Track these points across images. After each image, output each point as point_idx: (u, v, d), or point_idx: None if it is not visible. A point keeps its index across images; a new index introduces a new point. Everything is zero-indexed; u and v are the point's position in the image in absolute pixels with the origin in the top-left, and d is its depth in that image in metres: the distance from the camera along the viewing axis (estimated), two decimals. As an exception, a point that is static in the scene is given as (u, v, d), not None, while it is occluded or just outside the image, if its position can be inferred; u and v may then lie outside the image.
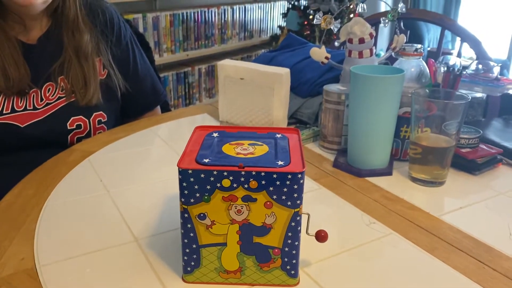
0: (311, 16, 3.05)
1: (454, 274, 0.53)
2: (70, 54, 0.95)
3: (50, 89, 0.95)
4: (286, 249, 0.49)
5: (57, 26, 0.97)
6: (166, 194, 0.71)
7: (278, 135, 0.55)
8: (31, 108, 0.93)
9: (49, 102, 0.94)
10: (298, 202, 0.47)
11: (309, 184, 0.74)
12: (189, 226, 0.48)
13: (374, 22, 1.44)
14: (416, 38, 3.67)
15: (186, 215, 0.48)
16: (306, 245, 0.53)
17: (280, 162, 0.47)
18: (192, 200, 0.47)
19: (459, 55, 1.44)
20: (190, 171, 0.46)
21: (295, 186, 0.46)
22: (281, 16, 3.49)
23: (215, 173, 0.46)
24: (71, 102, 0.96)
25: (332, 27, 0.94)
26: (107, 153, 0.87)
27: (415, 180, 0.75)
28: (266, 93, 0.89)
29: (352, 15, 2.90)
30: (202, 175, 0.46)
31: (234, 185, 0.46)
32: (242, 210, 0.47)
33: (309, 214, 0.51)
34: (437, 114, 0.71)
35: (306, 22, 3.10)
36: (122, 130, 0.99)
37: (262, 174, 0.45)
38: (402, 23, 1.49)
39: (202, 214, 0.47)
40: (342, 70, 0.94)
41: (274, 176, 0.46)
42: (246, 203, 0.47)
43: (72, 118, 0.96)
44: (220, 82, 0.95)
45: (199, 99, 3.16)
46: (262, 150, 0.50)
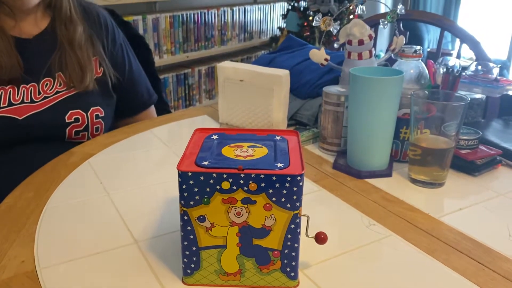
0: (311, 17, 3.06)
1: (453, 276, 0.53)
2: (65, 46, 0.97)
3: (48, 84, 0.96)
4: (286, 251, 0.49)
5: (53, 23, 0.99)
6: (166, 196, 0.71)
7: (278, 137, 0.55)
8: (29, 101, 0.94)
9: (47, 95, 0.95)
10: (298, 204, 0.47)
11: (308, 185, 0.74)
12: (188, 228, 0.48)
13: (374, 24, 1.45)
14: (415, 39, 3.67)
15: (186, 218, 0.48)
16: (306, 247, 0.53)
17: (279, 165, 0.47)
18: (191, 202, 0.47)
19: (459, 56, 1.44)
20: (189, 174, 0.46)
21: (295, 188, 0.46)
22: (280, 17, 3.49)
23: (215, 175, 0.46)
24: (69, 97, 0.97)
25: (331, 29, 0.94)
26: (107, 155, 0.87)
27: (415, 181, 0.75)
28: (265, 94, 0.89)
29: (351, 17, 2.91)
30: (202, 178, 0.46)
31: (234, 187, 0.46)
32: (241, 213, 0.47)
33: (308, 216, 0.51)
34: (436, 116, 0.71)
35: (306, 24, 3.10)
36: (121, 132, 1.00)
37: (262, 176, 0.46)
38: (401, 24, 1.49)
39: (201, 217, 0.47)
40: (342, 72, 0.94)
41: (274, 178, 0.46)
42: (246, 206, 0.47)
43: (70, 111, 0.96)
44: (220, 84, 0.95)
45: (199, 101, 3.17)
46: (261, 152, 0.51)
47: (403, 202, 0.69)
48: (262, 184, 0.46)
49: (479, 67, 0.95)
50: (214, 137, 0.55)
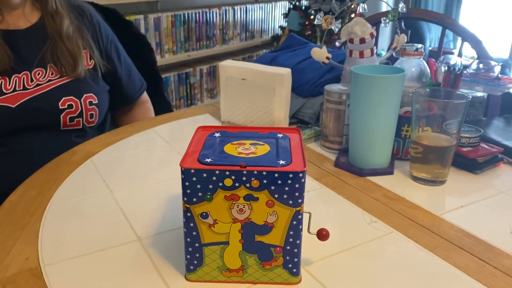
0: (312, 16, 3.06)
1: (455, 272, 0.53)
2: (55, 38, 0.99)
3: (40, 73, 0.97)
4: (288, 247, 0.49)
5: (43, 17, 1.00)
6: (168, 193, 0.71)
7: (280, 135, 0.55)
8: (21, 88, 0.94)
9: (39, 83, 0.96)
10: (300, 200, 0.47)
11: (310, 183, 0.75)
12: (191, 225, 0.48)
13: (375, 22, 1.45)
14: (417, 38, 3.67)
15: (189, 214, 0.48)
16: (308, 243, 0.53)
17: (281, 162, 0.48)
18: (194, 199, 0.47)
19: (460, 55, 1.44)
20: (192, 171, 0.46)
21: (297, 185, 0.46)
22: (282, 16, 3.49)
23: (217, 172, 0.46)
24: (62, 84, 0.98)
25: (333, 27, 0.94)
26: (110, 153, 0.88)
27: (416, 179, 0.75)
28: (267, 93, 0.90)
29: (353, 15, 2.90)
30: (205, 175, 0.46)
31: (236, 184, 0.46)
32: (244, 209, 0.47)
33: (310, 213, 0.51)
34: (438, 114, 0.71)
35: (307, 22, 3.10)
36: (124, 130, 1.00)
37: (264, 173, 0.46)
38: (403, 23, 1.49)
39: (204, 213, 0.48)
40: (343, 70, 0.94)
41: (276, 175, 0.46)
42: (248, 202, 0.47)
43: (63, 98, 0.97)
44: (221, 83, 0.96)
45: (201, 100, 3.17)
46: (263, 149, 0.51)
47: (405, 199, 0.70)
48: (265, 181, 0.46)
49: (481, 65, 0.95)
50: (217, 134, 0.55)
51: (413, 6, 4.16)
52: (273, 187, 0.46)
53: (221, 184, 0.46)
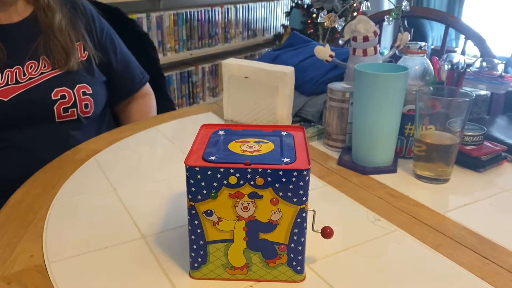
0: (315, 14, 3.05)
1: (459, 270, 0.53)
2: (47, 32, 0.99)
3: (32, 66, 0.97)
4: (292, 245, 0.49)
5: (35, 12, 1.00)
6: (172, 192, 0.71)
7: (284, 133, 0.55)
8: (13, 82, 0.94)
9: (32, 76, 0.96)
10: (304, 198, 0.47)
11: (314, 181, 0.75)
12: (196, 222, 0.48)
13: (378, 20, 1.45)
14: (419, 36, 3.66)
15: (193, 212, 0.48)
16: (312, 241, 0.53)
17: (285, 159, 0.48)
18: (199, 197, 0.47)
19: (463, 53, 1.43)
20: (197, 168, 0.46)
21: (301, 183, 0.46)
22: (284, 14, 3.49)
23: (222, 170, 0.46)
24: (54, 76, 0.98)
25: (336, 25, 0.94)
26: (113, 151, 0.88)
27: (420, 177, 0.75)
28: (270, 91, 0.90)
29: (355, 14, 2.90)
30: (209, 172, 0.46)
31: (241, 182, 0.46)
32: (248, 207, 0.47)
33: (314, 211, 0.51)
34: (441, 112, 0.71)
35: (309, 21, 3.10)
36: (127, 129, 1.00)
37: (268, 171, 0.46)
38: (406, 21, 1.49)
39: (209, 211, 0.48)
40: (346, 68, 0.94)
41: (280, 173, 0.46)
42: (253, 200, 0.47)
43: (56, 89, 0.97)
44: (224, 81, 0.96)
45: (203, 98, 3.17)
46: (267, 147, 0.51)
47: (408, 198, 0.70)
48: (269, 178, 0.46)
49: (484, 64, 0.95)
50: (221, 132, 0.55)
51: (415, 5, 4.15)
52: (277, 185, 0.46)
53: (225, 181, 0.46)
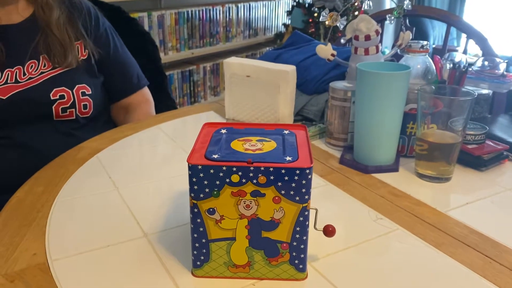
0: (316, 13, 3.05)
1: (460, 269, 0.53)
2: (45, 29, 0.99)
3: (32, 65, 0.97)
4: (295, 243, 0.49)
5: (34, 12, 1.01)
6: (174, 190, 0.72)
7: (286, 131, 0.55)
8: (13, 81, 0.94)
9: (31, 76, 0.96)
10: (306, 197, 0.47)
11: (316, 180, 0.75)
12: (198, 221, 0.49)
13: (380, 19, 1.45)
14: (421, 35, 3.66)
15: (196, 210, 0.48)
16: (314, 240, 0.53)
17: (288, 158, 0.48)
18: (201, 195, 0.47)
19: (465, 52, 1.43)
20: (199, 167, 0.46)
21: (303, 181, 0.46)
22: (285, 13, 3.49)
23: (224, 168, 0.46)
24: (54, 76, 0.98)
25: (338, 24, 0.94)
26: (115, 150, 0.88)
27: (422, 176, 0.75)
28: (272, 90, 0.90)
29: (357, 12, 2.90)
30: (212, 171, 0.46)
31: (243, 180, 0.46)
32: (251, 205, 0.48)
33: (317, 209, 0.51)
34: (443, 111, 0.71)
35: (310, 20, 3.09)
36: (129, 128, 1.00)
37: (271, 169, 0.46)
38: (407, 20, 1.49)
39: (211, 209, 0.48)
40: (348, 67, 0.94)
41: (283, 171, 0.46)
42: (255, 198, 0.47)
43: (54, 89, 0.97)
44: (226, 80, 0.96)
45: (204, 97, 3.17)
46: (270, 146, 0.51)
47: (410, 196, 0.70)
48: (271, 177, 0.46)
49: (486, 63, 0.95)
50: (223, 131, 0.55)
51: (417, 3, 4.15)
52: (280, 183, 0.46)
53: (228, 180, 0.47)
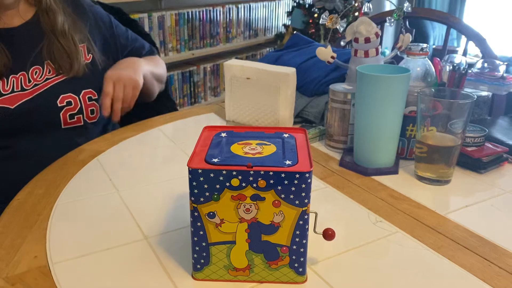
0: (316, 14, 3.05)
1: (460, 272, 0.54)
2: (49, 35, 0.98)
3: (37, 72, 0.97)
4: (294, 247, 0.49)
5: (38, 14, 1.00)
6: (174, 192, 0.72)
7: (286, 135, 0.55)
8: (19, 89, 0.94)
9: (37, 83, 0.96)
10: (306, 201, 0.47)
11: (315, 183, 0.75)
12: (198, 224, 0.49)
13: (380, 21, 1.45)
14: (421, 36, 3.66)
15: (196, 214, 0.48)
16: (314, 243, 0.53)
17: (288, 162, 0.48)
18: (201, 199, 0.48)
19: (465, 53, 1.43)
20: (200, 171, 0.46)
21: (303, 185, 0.47)
22: (286, 14, 3.49)
23: (224, 172, 0.46)
24: (59, 82, 0.98)
25: (338, 27, 0.94)
26: (116, 152, 0.88)
27: (421, 178, 0.75)
28: (272, 92, 0.90)
29: (356, 14, 2.90)
30: (212, 175, 0.47)
31: (243, 184, 0.47)
32: (250, 209, 0.48)
33: (316, 213, 0.51)
34: (443, 113, 0.71)
35: (311, 21, 3.10)
36: (129, 129, 1.00)
37: (271, 173, 0.46)
38: (407, 22, 1.49)
39: (211, 213, 0.48)
40: (348, 70, 0.94)
41: (282, 175, 0.46)
42: (255, 202, 0.47)
43: (61, 95, 0.97)
44: (226, 82, 0.96)
45: (204, 98, 3.17)
46: (270, 149, 0.51)
47: (410, 199, 0.70)
48: (271, 181, 0.46)
49: (485, 65, 0.95)
50: (223, 134, 0.55)
51: (416, 5, 4.15)
52: (279, 187, 0.47)
53: (228, 184, 0.47)
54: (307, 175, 0.46)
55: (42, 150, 0.94)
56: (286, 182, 0.46)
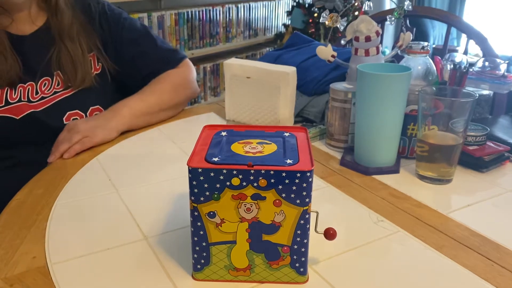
0: (316, 13, 3.05)
1: (462, 272, 0.53)
2: (58, 41, 0.95)
3: (46, 83, 0.95)
4: (295, 246, 0.49)
5: (49, 20, 0.97)
6: (174, 192, 0.71)
7: (286, 134, 0.55)
8: (26, 100, 0.93)
9: (44, 96, 0.94)
10: (307, 200, 0.47)
11: (316, 182, 0.75)
12: (199, 224, 0.48)
13: (380, 20, 1.44)
14: (421, 35, 3.65)
15: (196, 214, 0.48)
16: (315, 243, 0.53)
17: (288, 161, 0.47)
18: (202, 198, 0.47)
19: (466, 52, 1.43)
20: (200, 170, 0.46)
21: (304, 184, 0.46)
22: (285, 14, 3.49)
23: (225, 171, 0.46)
24: (67, 97, 0.96)
25: (338, 25, 0.94)
26: (115, 152, 0.88)
27: (422, 178, 0.75)
28: (272, 91, 0.90)
29: (357, 13, 2.90)
30: (212, 174, 0.46)
31: (244, 183, 0.46)
32: (251, 208, 0.47)
33: (317, 212, 0.51)
34: (444, 112, 0.71)
35: (311, 20, 3.09)
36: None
37: (271, 172, 0.46)
38: (408, 21, 1.49)
39: (211, 213, 0.48)
40: (349, 68, 0.94)
41: (283, 174, 0.46)
42: (256, 201, 0.47)
43: (68, 112, 0.96)
44: (226, 81, 0.96)
45: (204, 98, 3.17)
46: (270, 148, 0.51)
47: (411, 198, 0.70)
48: (272, 180, 0.46)
49: (486, 63, 0.95)
50: (223, 133, 0.55)
51: (416, 4, 4.15)
52: (280, 187, 0.46)
53: (228, 183, 0.46)
54: (308, 174, 0.46)
55: (44, 162, 0.92)
56: (287, 181, 0.46)
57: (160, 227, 0.62)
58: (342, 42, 1.00)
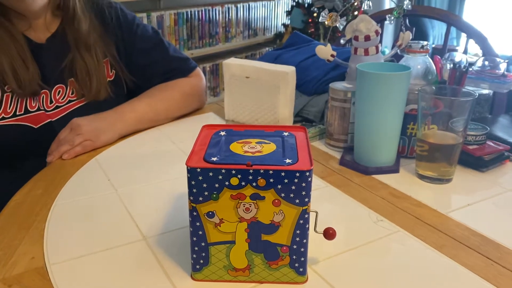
0: (315, 13, 3.05)
1: (462, 271, 0.53)
2: (74, 48, 0.93)
3: (60, 91, 0.93)
4: (295, 246, 0.49)
5: (63, 25, 0.95)
6: (173, 192, 0.71)
7: (286, 133, 0.55)
8: (42, 109, 0.91)
9: (59, 105, 0.93)
10: (306, 200, 0.47)
11: (316, 182, 0.74)
12: (197, 224, 0.48)
13: (380, 19, 1.44)
14: (420, 35, 3.65)
15: (195, 214, 0.48)
16: (314, 242, 0.53)
17: (288, 160, 0.47)
18: (200, 198, 0.47)
19: (465, 51, 1.43)
20: (198, 170, 0.46)
21: (303, 184, 0.46)
22: (285, 14, 3.49)
23: (224, 171, 0.46)
24: (81, 107, 0.95)
25: (337, 25, 0.94)
26: (114, 152, 0.87)
27: (422, 177, 0.75)
28: (272, 91, 0.89)
29: (356, 13, 2.89)
30: (211, 174, 0.46)
31: (243, 183, 0.46)
32: (250, 208, 0.47)
33: (317, 212, 0.51)
34: (443, 111, 0.70)
35: (310, 20, 3.09)
36: (128, 129, 1.00)
37: (270, 172, 0.46)
38: (407, 20, 1.49)
39: (210, 212, 0.48)
40: (348, 68, 0.94)
41: (282, 174, 0.46)
42: (255, 201, 0.47)
43: None
44: (225, 81, 0.95)
45: (204, 98, 3.17)
46: (269, 148, 0.51)
47: (411, 198, 0.69)
48: (271, 180, 0.46)
49: (486, 63, 0.94)
50: (222, 133, 0.55)
51: (416, 3, 4.14)
52: (279, 186, 0.46)
53: (227, 183, 0.46)
54: (307, 174, 0.46)
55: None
56: (286, 181, 0.46)
57: (159, 227, 0.62)
58: (342, 41, 1.00)
